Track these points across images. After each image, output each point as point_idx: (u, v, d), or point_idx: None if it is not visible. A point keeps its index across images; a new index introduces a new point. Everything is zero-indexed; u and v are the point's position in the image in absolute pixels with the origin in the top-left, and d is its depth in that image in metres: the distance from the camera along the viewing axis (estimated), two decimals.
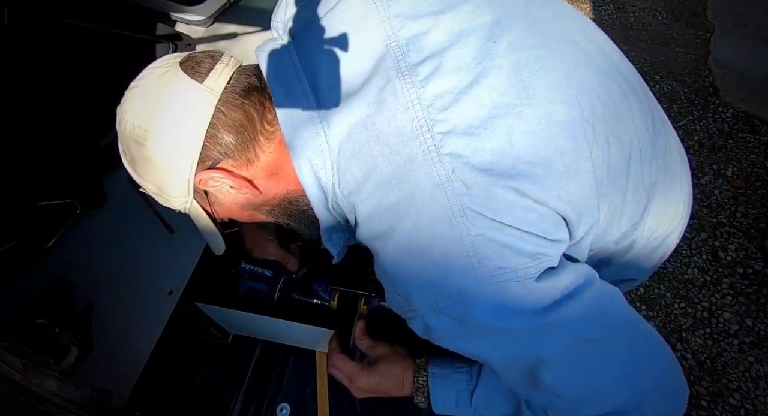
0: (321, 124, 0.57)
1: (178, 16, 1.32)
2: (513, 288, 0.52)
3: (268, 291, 0.84)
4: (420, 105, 0.53)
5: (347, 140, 0.56)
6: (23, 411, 0.56)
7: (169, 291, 0.87)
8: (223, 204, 0.67)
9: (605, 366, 0.55)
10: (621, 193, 0.65)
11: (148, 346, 0.81)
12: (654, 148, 0.70)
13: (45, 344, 0.71)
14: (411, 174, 0.53)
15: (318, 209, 0.62)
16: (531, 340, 0.54)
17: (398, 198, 0.54)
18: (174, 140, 0.59)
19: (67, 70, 1.12)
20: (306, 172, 0.58)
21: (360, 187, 0.56)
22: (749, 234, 2.05)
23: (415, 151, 0.53)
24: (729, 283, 1.93)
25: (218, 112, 0.58)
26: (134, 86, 0.61)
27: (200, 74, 0.59)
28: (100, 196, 1.00)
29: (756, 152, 2.31)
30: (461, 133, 0.52)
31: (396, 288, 0.58)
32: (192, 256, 0.90)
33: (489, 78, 0.54)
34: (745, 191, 2.18)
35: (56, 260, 0.91)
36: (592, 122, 0.58)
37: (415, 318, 0.59)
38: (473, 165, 0.52)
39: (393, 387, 0.75)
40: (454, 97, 0.53)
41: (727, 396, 1.68)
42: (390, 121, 0.54)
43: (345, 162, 0.56)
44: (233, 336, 1.01)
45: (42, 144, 1.03)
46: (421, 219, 0.53)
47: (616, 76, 0.66)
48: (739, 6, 2.98)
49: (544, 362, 0.55)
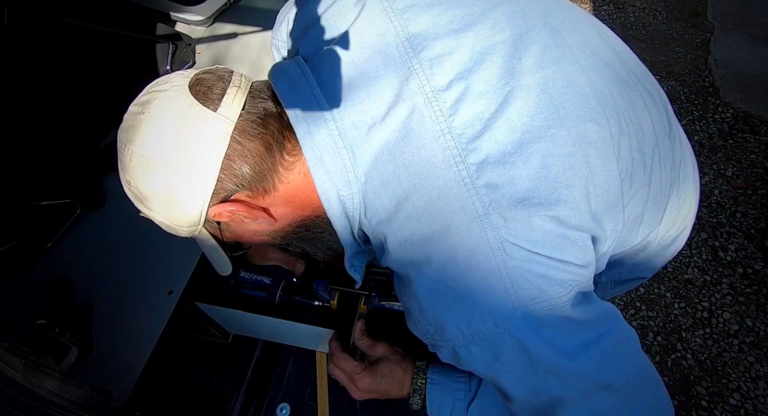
0: (346, 153, 0.54)
1: (178, 16, 1.32)
2: (547, 318, 0.51)
3: (268, 297, 0.84)
4: (450, 134, 0.52)
5: (374, 169, 0.54)
6: (23, 411, 0.56)
7: (169, 292, 0.87)
8: (234, 231, 0.64)
9: (620, 410, 0.55)
10: (643, 202, 0.64)
11: (148, 346, 0.81)
12: (673, 152, 0.70)
13: (45, 344, 0.71)
14: (446, 207, 0.51)
15: (343, 237, 0.60)
16: (557, 378, 0.53)
17: (432, 230, 0.52)
18: (187, 173, 0.55)
19: (67, 70, 1.12)
20: (334, 204, 0.56)
21: (391, 217, 0.54)
22: (749, 234, 2.05)
23: (449, 183, 0.51)
24: (729, 283, 1.93)
25: (234, 143, 0.55)
26: (138, 112, 0.56)
27: (212, 101, 0.55)
28: (100, 196, 1.00)
29: (756, 152, 2.31)
30: (495, 161, 0.51)
31: (427, 317, 0.56)
32: (192, 256, 0.90)
33: (518, 100, 0.53)
34: (745, 191, 2.18)
35: (56, 260, 0.91)
36: (619, 138, 0.57)
37: (444, 347, 0.57)
38: (510, 196, 0.50)
39: (392, 387, 0.75)
40: (485, 123, 0.52)
41: (727, 396, 1.68)
42: (419, 150, 0.52)
43: (373, 191, 0.55)
44: (233, 336, 1.01)
45: (42, 144, 1.03)
46: (457, 251, 0.51)
47: (635, 84, 0.65)
48: (739, 6, 2.98)
49: (563, 403, 0.54)
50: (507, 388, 0.57)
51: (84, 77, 1.12)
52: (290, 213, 0.62)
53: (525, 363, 0.53)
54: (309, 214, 0.63)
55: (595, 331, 0.53)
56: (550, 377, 0.53)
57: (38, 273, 0.89)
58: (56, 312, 0.82)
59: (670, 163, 0.69)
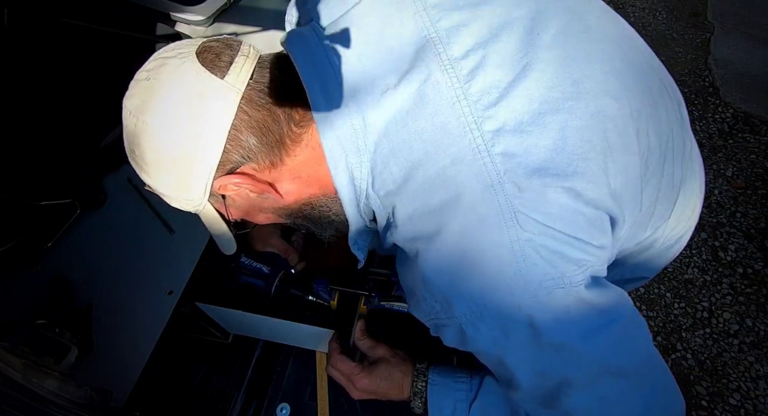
0: (356, 120, 0.53)
1: (178, 16, 1.32)
2: (560, 296, 0.50)
3: (265, 286, 0.84)
4: (467, 101, 0.50)
5: (384, 138, 0.53)
6: (23, 411, 0.56)
7: (169, 291, 0.87)
8: (240, 207, 0.64)
9: (628, 404, 0.54)
10: (656, 190, 0.63)
11: (148, 346, 0.81)
12: (684, 146, 0.68)
13: (45, 344, 0.71)
14: (459, 174, 0.50)
15: (349, 211, 0.59)
16: (566, 359, 0.52)
17: (443, 199, 0.51)
18: (192, 143, 0.53)
19: (67, 70, 1.12)
20: (341, 171, 0.55)
21: (400, 187, 0.53)
22: (749, 234, 2.05)
23: (463, 150, 0.50)
24: (729, 283, 1.93)
25: (241, 112, 0.53)
26: (143, 78, 0.54)
27: (220, 69, 0.53)
28: (100, 196, 1.00)
29: (756, 152, 2.31)
30: (512, 130, 0.50)
31: (434, 294, 0.54)
32: (192, 256, 0.90)
33: (535, 72, 0.51)
34: (745, 191, 2.18)
35: (56, 260, 0.91)
36: (637, 119, 0.56)
37: (449, 326, 0.56)
38: (526, 165, 0.49)
39: (391, 390, 0.74)
40: (501, 92, 0.51)
41: (727, 396, 1.68)
42: (433, 117, 0.51)
43: (382, 161, 0.53)
44: (233, 336, 1.01)
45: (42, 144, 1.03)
46: (469, 222, 0.50)
47: (651, 73, 0.64)
48: (739, 6, 2.98)
49: (571, 385, 0.53)
50: (513, 370, 0.55)
51: (84, 77, 1.12)
52: (296, 190, 0.61)
53: (534, 340, 0.51)
54: (315, 192, 0.61)
55: (607, 316, 0.52)
56: (559, 357, 0.52)
57: (38, 273, 0.89)
58: (56, 312, 0.82)
59: (681, 156, 0.67)
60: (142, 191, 0.99)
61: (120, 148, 0.60)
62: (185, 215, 0.67)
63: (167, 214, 0.95)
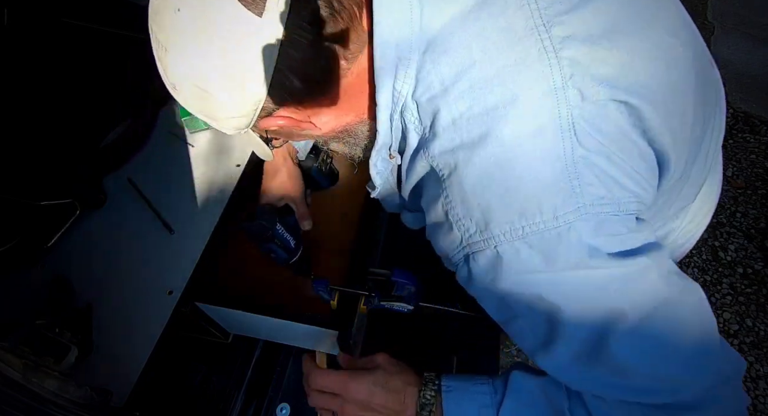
0: (417, 11, 0.49)
1: None
2: (613, 223, 0.46)
3: (287, 258, 0.85)
4: (536, 4, 0.47)
5: (439, 37, 0.49)
6: (23, 411, 0.56)
7: (169, 291, 0.87)
8: (280, 133, 0.63)
9: (680, 338, 0.48)
10: (691, 162, 0.60)
11: (148, 346, 0.81)
12: (717, 144, 0.67)
13: (45, 344, 0.71)
14: (519, 75, 0.46)
15: (382, 119, 0.55)
16: (617, 288, 0.48)
17: (498, 101, 0.47)
18: (235, 87, 0.50)
19: (67, 70, 1.13)
20: (389, 63, 0.50)
21: (447, 88, 0.49)
22: (749, 234, 2.05)
23: (529, 50, 0.46)
24: (729, 283, 1.93)
25: (284, 53, 0.48)
26: (175, 9, 0.47)
27: (256, 4, 0.46)
28: (100, 196, 1.00)
29: (756, 152, 2.31)
30: (582, 40, 0.47)
31: (471, 210, 0.50)
32: (192, 256, 0.90)
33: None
34: (745, 191, 2.18)
35: (56, 260, 0.91)
36: (695, 78, 0.54)
37: (483, 250, 0.50)
38: (593, 74, 0.46)
39: (390, 402, 0.65)
40: (574, 4, 0.48)
41: None
42: (499, 16, 0.48)
43: (432, 60, 0.50)
44: (233, 336, 1.01)
45: (42, 144, 1.03)
46: (523, 127, 0.46)
47: (704, 56, 0.62)
48: (739, 6, 2.98)
49: (622, 320, 0.48)
50: (557, 307, 0.49)
51: (84, 77, 1.12)
52: (333, 120, 0.59)
53: (583, 267, 0.47)
54: (351, 120, 0.60)
55: (659, 249, 0.49)
56: (609, 286, 0.48)
57: (38, 273, 0.89)
58: (56, 312, 0.82)
59: (716, 142, 0.65)
60: (142, 191, 0.99)
61: (120, 148, 0.60)
62: (185, 215, 0.67)
63: (167, 214, 0.95)
